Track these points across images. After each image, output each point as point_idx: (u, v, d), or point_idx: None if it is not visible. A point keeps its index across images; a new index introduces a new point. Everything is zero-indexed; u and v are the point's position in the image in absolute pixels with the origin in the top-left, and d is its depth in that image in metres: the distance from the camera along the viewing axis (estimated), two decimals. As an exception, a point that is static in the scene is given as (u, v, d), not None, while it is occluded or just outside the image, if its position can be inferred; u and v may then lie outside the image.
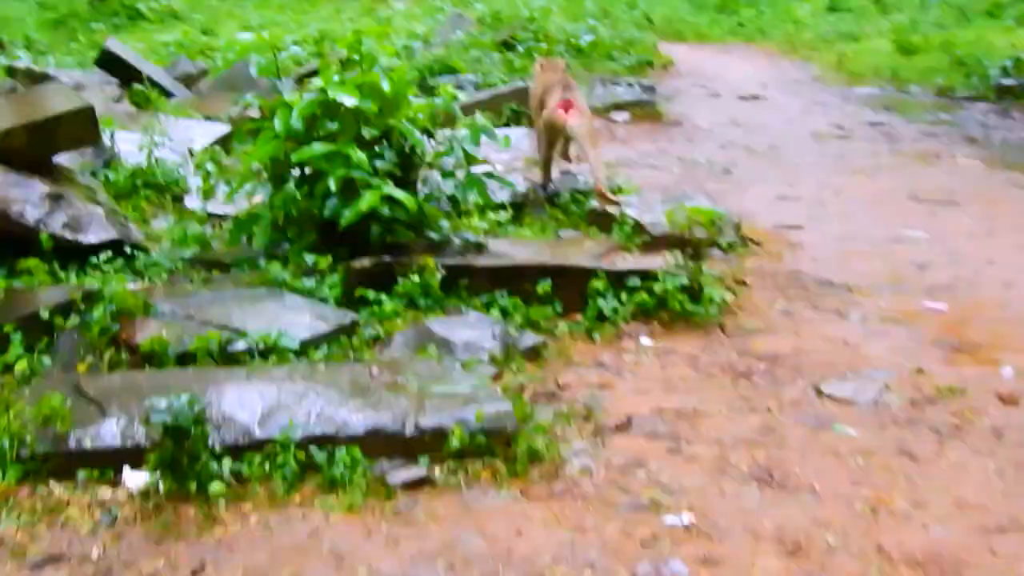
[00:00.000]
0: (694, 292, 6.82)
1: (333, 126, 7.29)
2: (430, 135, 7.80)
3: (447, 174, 7.71)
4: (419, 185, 7.77)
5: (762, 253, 8.26)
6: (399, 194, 7.04)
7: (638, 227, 8.01)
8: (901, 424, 5.36)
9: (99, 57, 13.71)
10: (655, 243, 7.86)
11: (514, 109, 13.01)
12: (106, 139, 8.87)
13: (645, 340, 6.52)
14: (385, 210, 7.05)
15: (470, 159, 7.72)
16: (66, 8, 25.64)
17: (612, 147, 12.14)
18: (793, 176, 11.01)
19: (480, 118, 7.82)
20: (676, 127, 13.59)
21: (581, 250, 7.68)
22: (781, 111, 15.16)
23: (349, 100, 7.07)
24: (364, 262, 6.80)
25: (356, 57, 7.78)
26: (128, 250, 7.18)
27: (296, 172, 7.43)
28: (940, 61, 18.77)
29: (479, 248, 7.49)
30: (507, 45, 17.44)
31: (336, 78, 7.40)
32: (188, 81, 13.31)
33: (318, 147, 7.10)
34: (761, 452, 5.01)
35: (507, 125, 12.76)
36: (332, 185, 6.99)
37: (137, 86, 11.74)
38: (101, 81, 13.05)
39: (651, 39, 21.02)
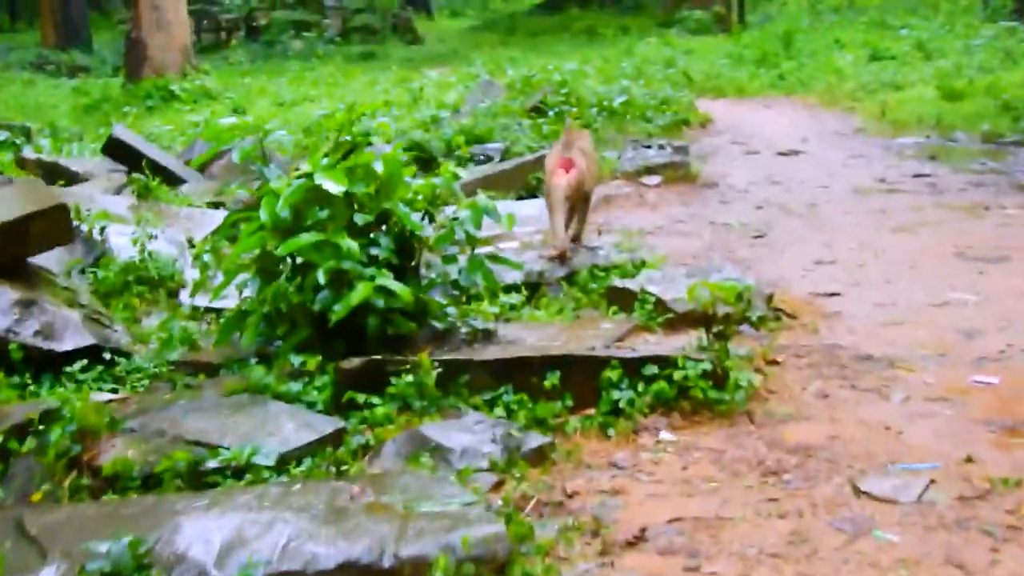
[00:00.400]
0: (718, 377, 6.19)
1: (324, 213, 6.73)
2: (431, 218, 7.22)
3: (448, 259, 7.13)
4: (423, 270, 7.20)
5: (796, 326, 7.63)
6: (394, 285, 6.50)
7: (660, 304, 7.41)
8: (949, 526, 4.72)
9: (105, 145, 13.28)
10: (679, 321, 7.32)
11: (540, 179, 12.43)
12: (96, 234, 8.38)
13: (665, 434, 5.92)
14: (380, 302, 6.48)
15: (473, 241, 7.12)
16: (100, 93, 25.41)
17: (641, 213, 11.55)
18: (831, 237, 10.37)
19: (482, 197, 7.23)
20: (710, 188, 12.97)
21: (598, 332, 7.12)
22: (821, 166, 14.52)
23: (334, 187, 6.53)
24: (353, 362, 6.22)
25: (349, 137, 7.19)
26: (108, 356, 6.64)
27: (288, 263, 6.88)
28: (986, 106, 18.06)
29: (488, 336, 6.96)
30: (537, 110, 16.90)
31: (325, 161, 6.87)
32: (204, 165, 12.82)
33: (306, 237, 6.59)
34: (790, 568, 4.39)
35: (533, 196, 12.21)
36: (321, 277, 6.44)
37: (137, 175, 11.24)
38: (109, 169, 12.60)
39: (688, 97, 20.40)
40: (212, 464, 5.19)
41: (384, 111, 18.45)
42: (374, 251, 6.80)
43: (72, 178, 12.24)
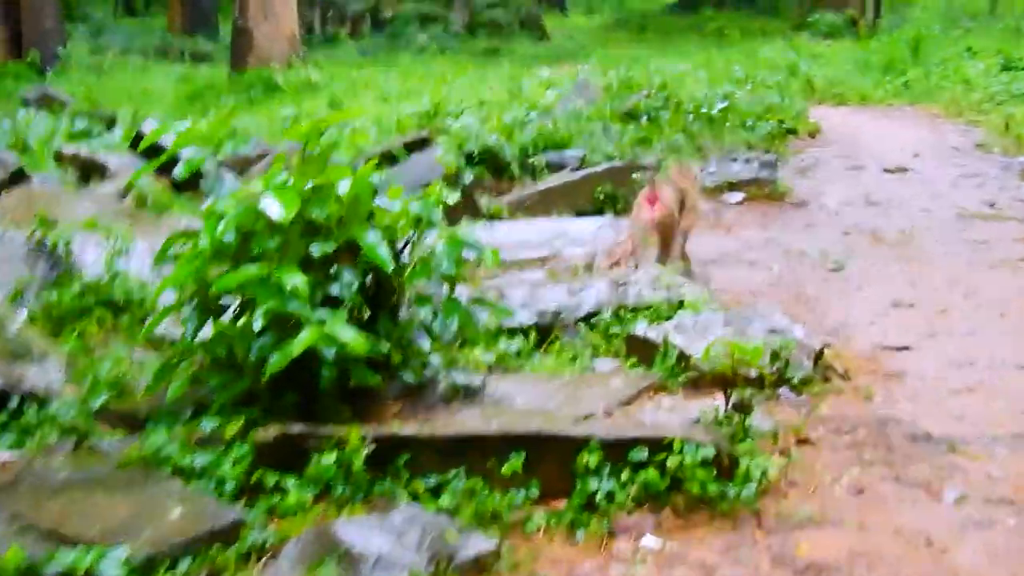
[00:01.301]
0: (724, 465, 4.89)
1: (274, 242, 5.55)
2: (412, 248, 6.01)
3: (422, 300, 5.91)
4: (403, 311, 5.99)
5: (847, 390, 6.28)
6: (346, 332, 5.28)
7: (684, 360, 6.12)
8: None
9: (134, 140, 12.26)
10: (705, 381, 6.02)
11: (609, 194, 11.17)
12: (61, 248, 7.31)
13: (648, 539, 4.67)
14: (331, 351, 5.28)
15: (450, 279, 5.90)
16: (204, 82, 24.60)
17: (712, 236, 10.21)
18: (919, 271, 8.96)
19: (464, 229, 5.98)
20: (798, 209, 11.58)
21: (604, 392, 5.87)
22: (928, 185, 13.02)
23: (278, 211, 5.33)
24: (268, 432, 5.02)
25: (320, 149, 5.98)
26: (16, 402, 5.53)
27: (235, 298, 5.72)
28: (1122, 123, 16.37)
29: (470, 393, 5.75)
30: (631, 115, 15.57)
31: (281, 179, 5.69)
32: (244, 166, 11.70)
33: (247, 270, 5.38)
34: None
35: (600, 212, 10.95)
36: (258, 321, 5.25)
37: (146, 179, 10.14)
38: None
39: (800, 104, 18.91)
40: (53, 570, 4.03)
41: (476, 109, 17.31)
42: (335, 289, 5.60)
43: (105, 175, 11.23)
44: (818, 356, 6.43)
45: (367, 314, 5.88)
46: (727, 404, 5.42)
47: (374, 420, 5.58)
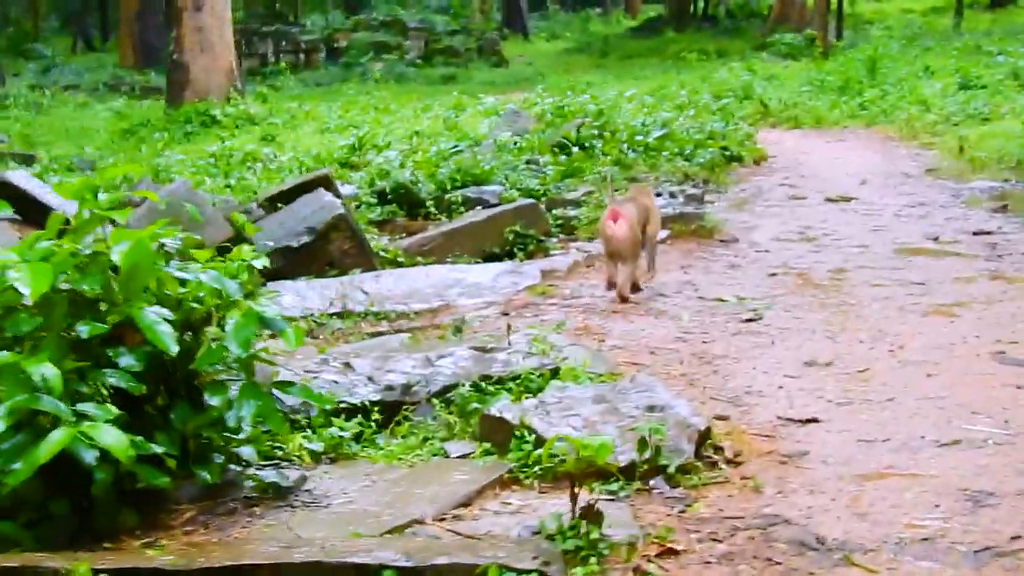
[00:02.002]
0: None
1: (30, 324, 4.56)
2: (206, 325, 5.01)
3: (214, 388, 4.89)
4: (207, 398, 4.98)
5: (734, 480, 5.28)
6: (108, 436, 4.27)
7: (542, 446, 5.12)
8: None
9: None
10: (565, 472, 4.99)
11: (519, 233, 10.20)
12: None
13: None
14: (90, 455, 4.29)
15: (244, 363, 4.89)
16: (140, 118, 23.61)
17: (623, 282, 9.24)
18: (843, 321, 7.99)
19: (265, 304, 4.97)
20: (726, 246, 10.63)
21: (442, 488, 4.85)
22: (870, 217, 12.10)
23: (24, 287, 4.32)
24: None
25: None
26: None
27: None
28: (1081, 144, 15.45)
29: (281, 492, 4.75)
30: (562, 145, 14.60)
31: (44, 245, 4.70)
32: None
33: (-6, 358, 4.39)
34: None
35: (510, 254, 10.00)
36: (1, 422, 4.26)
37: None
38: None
39: (747, 129, 18.01)
40: None
41: (406, 141, 16.37)
42: (113, 378, 4.60)
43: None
44: (704, 437, 5.44)
45: (161, 402, 4.89)
46: (574, 508, 4.42)
47: (161, 529, 4.62)
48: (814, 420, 5.99)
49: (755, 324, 7.93)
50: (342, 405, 5.65)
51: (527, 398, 5.72)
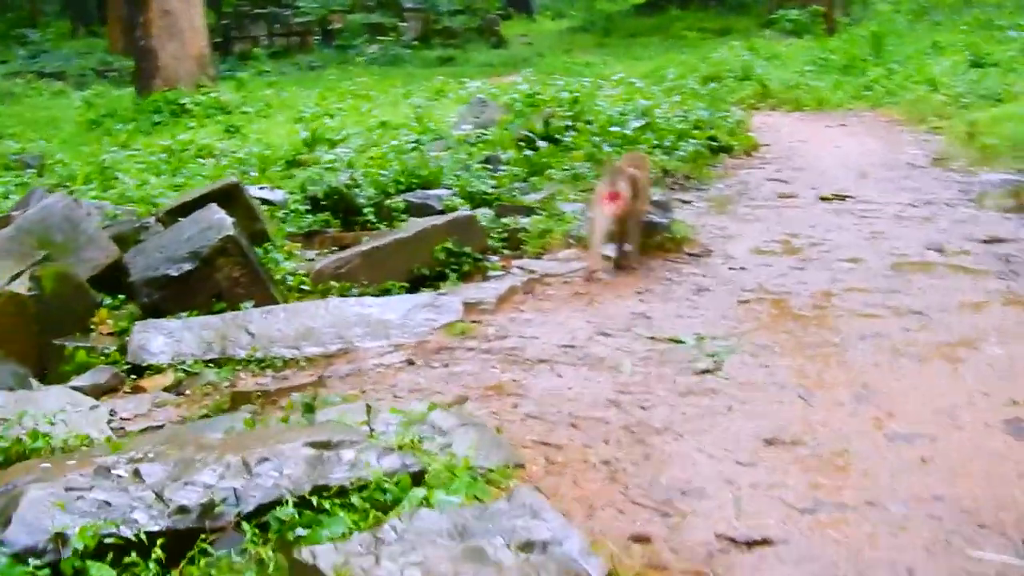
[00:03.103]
0: None
1: None
2: None
3: None
4: None
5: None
6: None
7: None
8: None
9: None
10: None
11: (452, 250, 8.56)
12: None
13: None
14: None
15: None
16: (107, 108, 21.94)
17: (562, 315, 7.61)
18: (822, 370, 6.33)
19: None
20: (695, 262, 8.96)
21: None
22: (867, 220, 10.41)
23: None
24: None
25: None
26: None
27: None
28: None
29: None
30: (528, 139, 12.90)
31: None
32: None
33: None
34: None
35: (440, 276, 8.42)
36: None
37: None
38: None
39: (738, 115, 16.28)
40: None
41: (365, 134, 14.70)
42: None
43: None
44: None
45: None
46: None
47: None
48: (765, 542, 4.33)
49: (711, 377, 6.25)
50: (108, 541, 3.98)
51: (362, 528, 4.06)
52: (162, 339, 6.98)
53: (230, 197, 8.99)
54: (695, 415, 5.67)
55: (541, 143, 12.67)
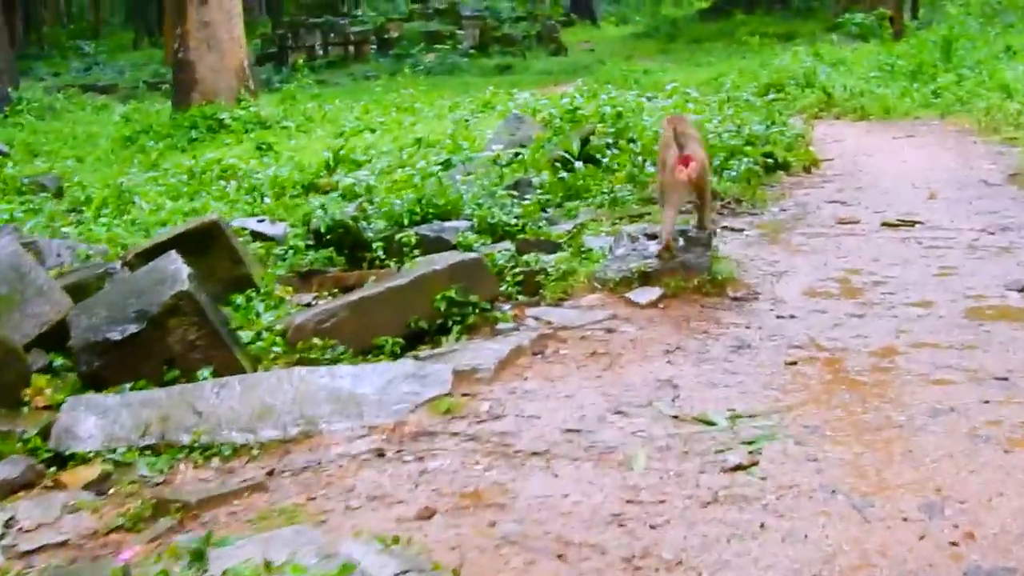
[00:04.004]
0: None
1: None
2: None
3: None
4: None
5: None
6: None
7: None
8: None
9: None
10: None
11: (455, 300, 7.26)
12: None
13: None
14: None
15: None
16: (143, 123, 20.87)
17: (579, 379, 6.28)
18: (883, 466, 4.99)
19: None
20: (738, 309, 7.61)
21: None
22: (937, 251, 9.03)
23: None
24: None
25: None
26: None
27: None
28: None
29: None
30: (564, 160, 11.59)
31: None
32: None
33: None
34: None
35: (443, 329, 7.15)
36: None
37: None
38: None
39: (798, 129, 14.86)
40: None
41: (394, 153, 13.48)
42: None
43: None
44: None
45: None
46: None
47: None
48: None
49: (744, 477, 4.92)
50: None
51: None
52: (94, 420, 5.76)
53: (209, 238, 7.78)
54: (717, 538, 4.35)
55: (578, 164, 11.34)
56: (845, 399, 5.83)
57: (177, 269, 6.50)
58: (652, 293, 7.65)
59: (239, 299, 7.63)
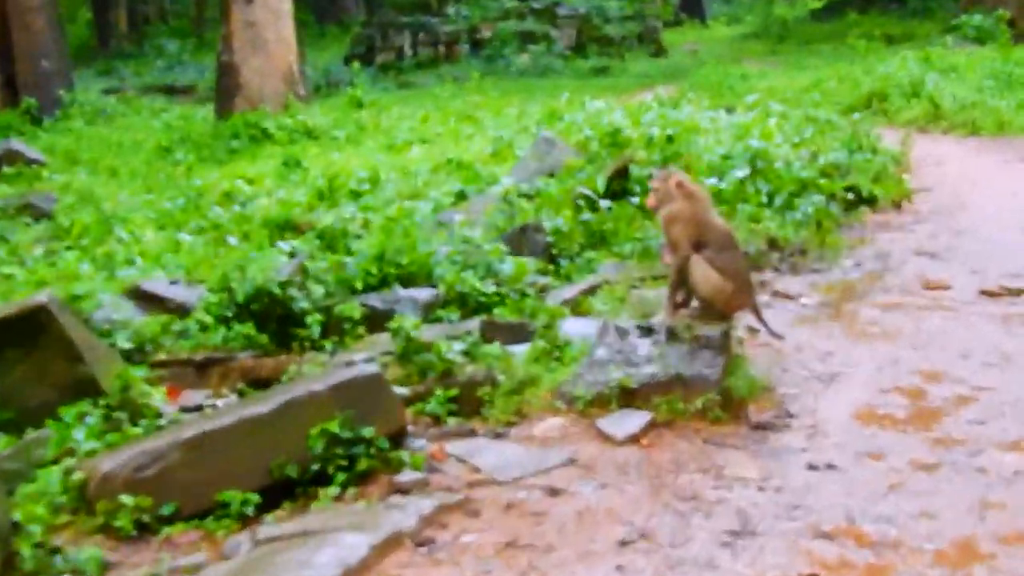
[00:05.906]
0: None
1: None
2: None
3: None
4: None
5: None
6: None
7: None
8: None
9: None
10: None
11: (339, 437, 4.87)
12: None
13: None
14: None
15: None
16: (184, 131, 18.75)
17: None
18: None
19: None
20: (753, 451, 5.11)
21: None
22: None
23: None
24: None
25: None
26: None
27: None
28: None
29: None
30: (587, 198, 9.13)
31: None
32: None
33: None
34: None
35: (321, 480, 4.75)
36: None
37: None
38: None
39: (892, 151, 12.17)
40: None
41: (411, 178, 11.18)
42: None
43: None
44: None
45: None
46: None
47: None
48: None
49: None
50: None
51: None
52: None
53: (36, 328, 5.51)
54: None
55: (603, 203, 8.88)
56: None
57: None
58: (634, 421, 5.20)
59: (70, 414, 5.33)
